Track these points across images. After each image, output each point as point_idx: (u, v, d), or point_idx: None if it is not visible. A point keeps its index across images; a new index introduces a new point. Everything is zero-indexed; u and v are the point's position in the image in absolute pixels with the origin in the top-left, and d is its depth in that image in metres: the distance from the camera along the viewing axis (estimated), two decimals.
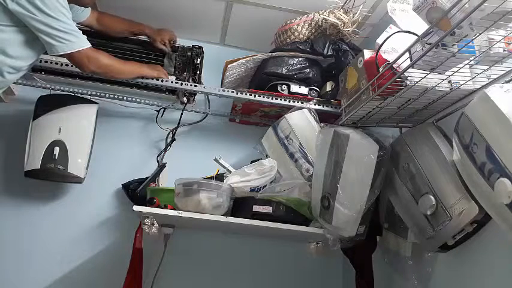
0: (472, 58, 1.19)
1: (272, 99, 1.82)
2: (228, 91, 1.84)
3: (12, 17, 1.36)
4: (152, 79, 1.78)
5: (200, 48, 2.03)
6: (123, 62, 1.71)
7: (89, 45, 1.51)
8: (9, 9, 1.34)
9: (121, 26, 1.89)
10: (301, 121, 1.73)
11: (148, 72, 1.77)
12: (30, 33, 1.40)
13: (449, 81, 1.31)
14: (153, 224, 1.55)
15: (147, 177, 1.83)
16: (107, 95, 1.95)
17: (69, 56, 1.49)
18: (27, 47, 1.43)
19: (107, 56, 1.61)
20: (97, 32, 1.84)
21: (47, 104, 1.78)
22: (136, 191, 1.81)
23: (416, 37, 1.18)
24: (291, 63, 1.84)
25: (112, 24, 1.86)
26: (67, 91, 1.90)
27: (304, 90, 1.85)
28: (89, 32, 1.72)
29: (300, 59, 1.85)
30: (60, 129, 1.72)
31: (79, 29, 1.53)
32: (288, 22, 1.89)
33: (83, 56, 1.50)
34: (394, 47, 1.35)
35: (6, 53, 1.39)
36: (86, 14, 1.76)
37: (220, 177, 1.68)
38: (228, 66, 1.86)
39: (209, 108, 2.08)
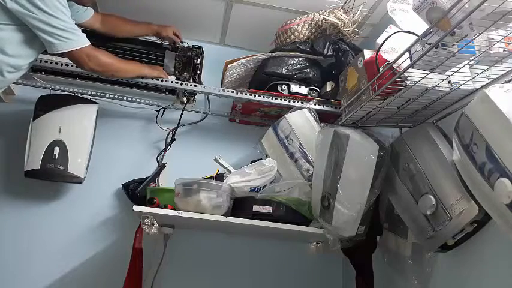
0: (472, 58, 1.18)
1: (272, 99, 1.82)
2: (228, 91, 1.84)
3: (11, 16, 1.36)
4: (152, 79, 1.78)
5: (200, 48, 2.03)
6: (124, 61, 1.71)
7: (89, 43, 1.51)
8: (8, 8, 1.34)
9: (127, 28, 1.88)
10: (301, 121, 1.73)
11: (148, 72, 1.77)
12: (29, 31, 1.40)
13: (449, 81, 1.31)
14: (153, 224, 1.54)
15: (147, 177, 1.83)
16: (107, 95, 1.95)
17: (69, 54, 1.49)
18: (26, 45, 1.43)
19: (107, 55, 1.61)
20: (100, 34, 1.83)
21: (47, 104, 1.78)
22: (136, 191, 1.82)
23: (416, 37, 1.18)
24: (291, 63, 1.84)
25: (118, 26, 1.85)
26: (67, 91, 1.90)
27: (304, 90, 1.85)
28: (88, 31, 1.72)
29: (300, 59, 1.85)
30: (60, 129, 1.73)
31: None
32: (288, 22, 1.89)
33: (83, 54, 1.50)
34: (394, 47, 1.35)
35: (5, 51, 1.39)
36: (87, 14, 1.76)
37: (220, 177, 1.68)
38: (228, 66, 1.86)
39: (209, 108, 2.08)
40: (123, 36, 1.90)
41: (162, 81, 1.80)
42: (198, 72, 1.99)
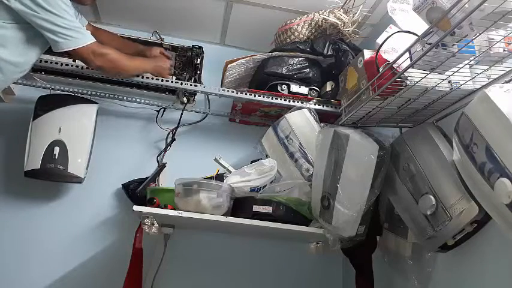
0: (472, 58, 1.18)
1: (272, 99, 1.82)
2: (228, 91, 1.84)
3: (14, 15, 1.37)
4: (152, 79, 1.78)
5: (200, 48, 2.04)
6: (129, 57, 1.70)
7: (94, 40, 1.52)
8: (11, 7, 1.35)
9: (115, 45, 1.80)
10: (301, 121, 1.73)
11: (151, 70, 1.76)
12: (31, 30, 1.41)
13: (449, 81, 1.31)
14: (153, 224, 1.54)
15: (147, 177, 1.83)
16: (107, 95, 1.95)
17: (74, 52, 1.49)
18: (28, 44, 1.44)
19: (112, 51, 1.61)
20: None
21: (47, 104, 1.78)
22: (136, 191, 1.82)
23: (416, 37, 1.18)
24: (291, 63, 1.84)
25: (106, 42, 1.80)
26: (67, 91, 1.90)
27: (304, 90, 1.85)
28: None
29: (300, 59, 1.85)
30: (60, 129, 1.72)
31: None
32: (288, 22, 1.89)
33: (89, 51, 1.51)
34: (394, 47, 1.35)
35: (8, 50, 1.39)
36: (81, 23, 1.72)
37: (220, 177, 1.68)
38: (228, 66, 1.86)
39: (209, 108, 2.08)
40: None
41: (162, 80, 1.80)
42: (198, 72, 1.99)
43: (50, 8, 1.37)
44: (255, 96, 1.82)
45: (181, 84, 1.84)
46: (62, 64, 1.73)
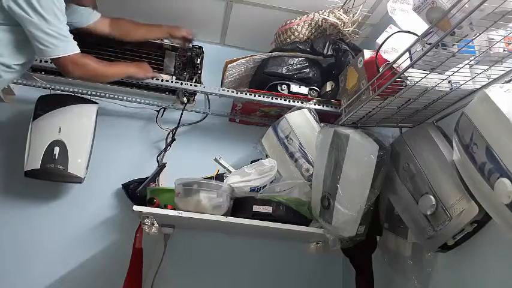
0: (472, 58, 1.19)
1: (272, 99, 1.83)
2: (228, 91, 1.84)
3: (6, 15, 1.34)
4: (153, 79, 1.77)
5: (200, 48, 2.03)
6: (108, 64, 1.65)
7: (77, 51, 1.45)
8: (4, 7, 1.32)
9: (140, 32, 1.82)
10: (301, 121, 1.73)
11: (133, 71, 1.73)
12: (24, 33, 1.37)
13: (449, 81, 1.32)
14: (153, 224, 1.54)
15: (147, 177, 1.83)
16: (107, 95, 1.95)
17: (55, 62, 1.44)
18: (20, 46, 1.41)
19: (92, 60, 1.55)
20: (107, 38, 1.80)
21: (47, 104, 1.78)
22: (136, 191, 1.82)
23: (416, 37, 1.18)
24: (291, 63, 1.84)
25: (130, 31, 1.80)
26: (67, 91, 1.90)
27: (304, 90, 1.85)
28: (87, 34, 1.71)
29: (300, 59, 1.85)
30: (60, 129, 1.72)
31: (86, 33, 1.48)
32: (288, 22, 1.90)
33: (68, 62, 1.44)
34: (394, 47, 1.35)
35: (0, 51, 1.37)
36: (92, 17, 1.72)
37: (220, 177, 1.68)
38: (228, 66, 1.86)
39: (209, 108, 2.08)
40: (135, 40, 1.87)
41: (162, 80, 1.80)
42: (198, 72, 1.99)
43: (41, 11, 1.33)
44: (255, 96, 1.82)
45: (181, 84, 1.84)
46: None
